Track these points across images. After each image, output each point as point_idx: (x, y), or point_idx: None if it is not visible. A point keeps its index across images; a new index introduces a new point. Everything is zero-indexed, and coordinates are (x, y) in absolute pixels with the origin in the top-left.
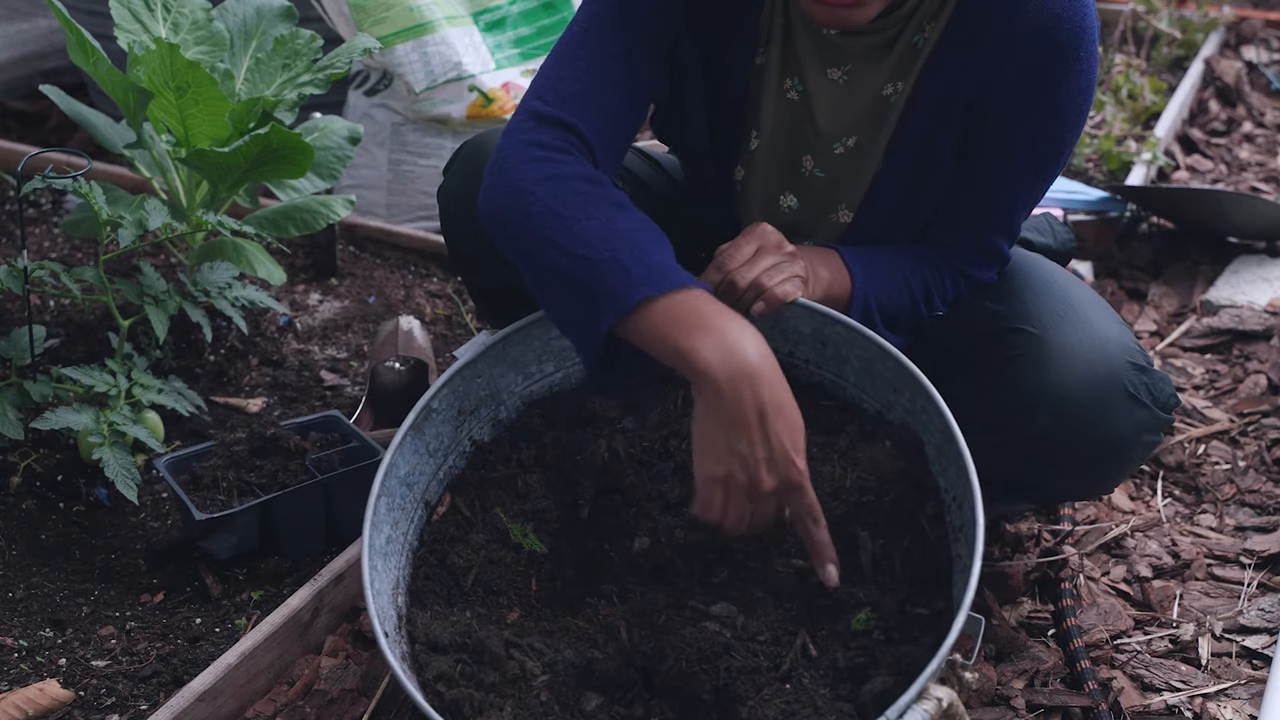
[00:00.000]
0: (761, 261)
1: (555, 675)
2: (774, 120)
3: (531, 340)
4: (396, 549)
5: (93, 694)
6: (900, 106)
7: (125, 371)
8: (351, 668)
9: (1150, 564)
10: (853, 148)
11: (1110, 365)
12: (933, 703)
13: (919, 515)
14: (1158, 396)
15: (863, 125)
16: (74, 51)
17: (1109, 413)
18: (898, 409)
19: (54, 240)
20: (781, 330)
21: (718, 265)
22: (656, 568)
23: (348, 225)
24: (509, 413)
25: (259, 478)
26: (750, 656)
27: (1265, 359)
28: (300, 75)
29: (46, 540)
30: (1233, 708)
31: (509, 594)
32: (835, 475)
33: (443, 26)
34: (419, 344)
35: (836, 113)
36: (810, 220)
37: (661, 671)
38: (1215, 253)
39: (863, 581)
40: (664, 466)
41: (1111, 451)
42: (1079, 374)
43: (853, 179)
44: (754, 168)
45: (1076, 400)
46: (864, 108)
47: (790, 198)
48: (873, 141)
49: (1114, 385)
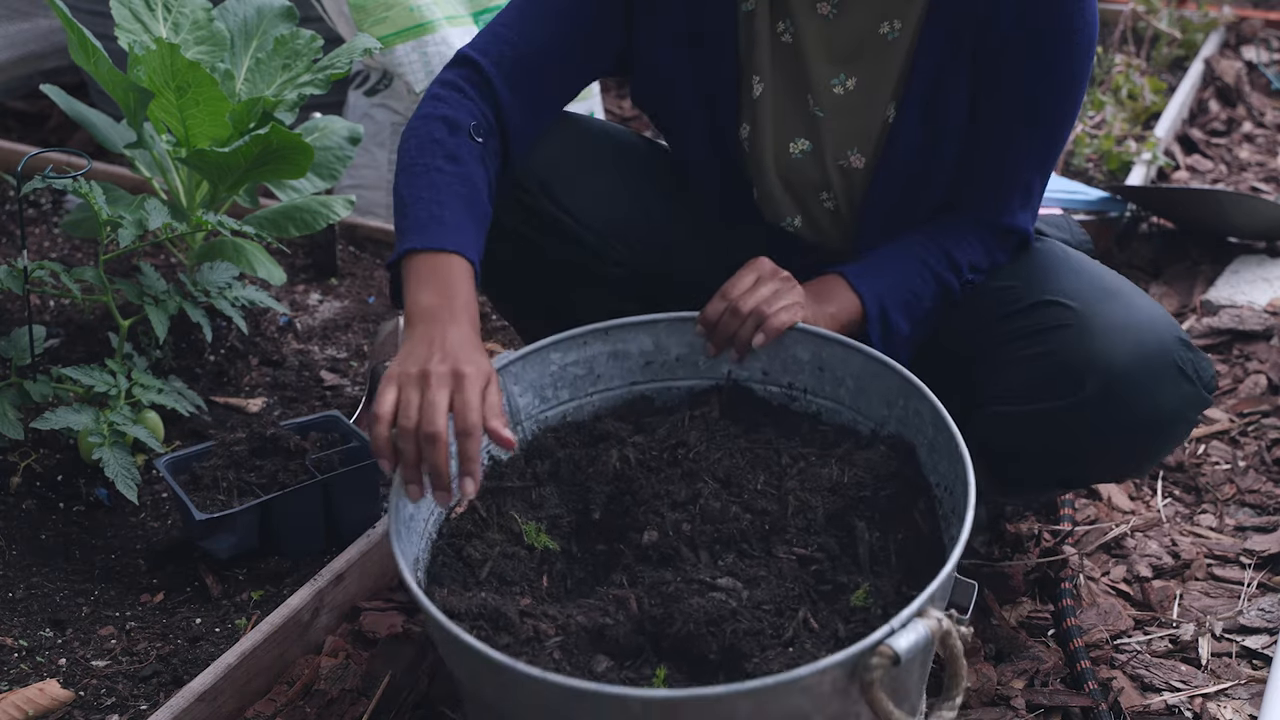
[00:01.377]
0: (761, 289)
1: (568, 637)
2: (771, 65)
3: (548, 364)
4: (417, 532)
5: (93, 694)
6: (904, 48)
7: (125, 371)
8: (351, 668)
9: (1150, 564)
10: (853, 89)
11: (1161, 340)
12: (933, 620)
13: (913, 510)
14: (1203, 375)
15: (860, 64)
16: (75, 51)
17: (1159, 386)
18: (891, 422)
19: (54, 240)
20: (782, 361)
21: (721, 294)
22: (664, 557)
23: (348, 225)
24: (525, 434)
25: (259, 478)
26: (755, 622)
27: (1265, 359)
28: (300, 75)
29: (46, 540)
30: (1233, 708)
31: (522, 585)
32: (833, 474)
33: (443, 26)
34: None
35: (829, 49)
36: (823, 167)
37: (670, 634)
38: (1215, 253)
39: (860, 570)
40: (672, 472)
41: (1157, 427)
42: (1130, 345)
43: (860, 123)
44: (760, 116)
45: (1128, 371)
46: (856, 44)
47: (802, 141)
48: (875, 82)
49: (1165, 359)
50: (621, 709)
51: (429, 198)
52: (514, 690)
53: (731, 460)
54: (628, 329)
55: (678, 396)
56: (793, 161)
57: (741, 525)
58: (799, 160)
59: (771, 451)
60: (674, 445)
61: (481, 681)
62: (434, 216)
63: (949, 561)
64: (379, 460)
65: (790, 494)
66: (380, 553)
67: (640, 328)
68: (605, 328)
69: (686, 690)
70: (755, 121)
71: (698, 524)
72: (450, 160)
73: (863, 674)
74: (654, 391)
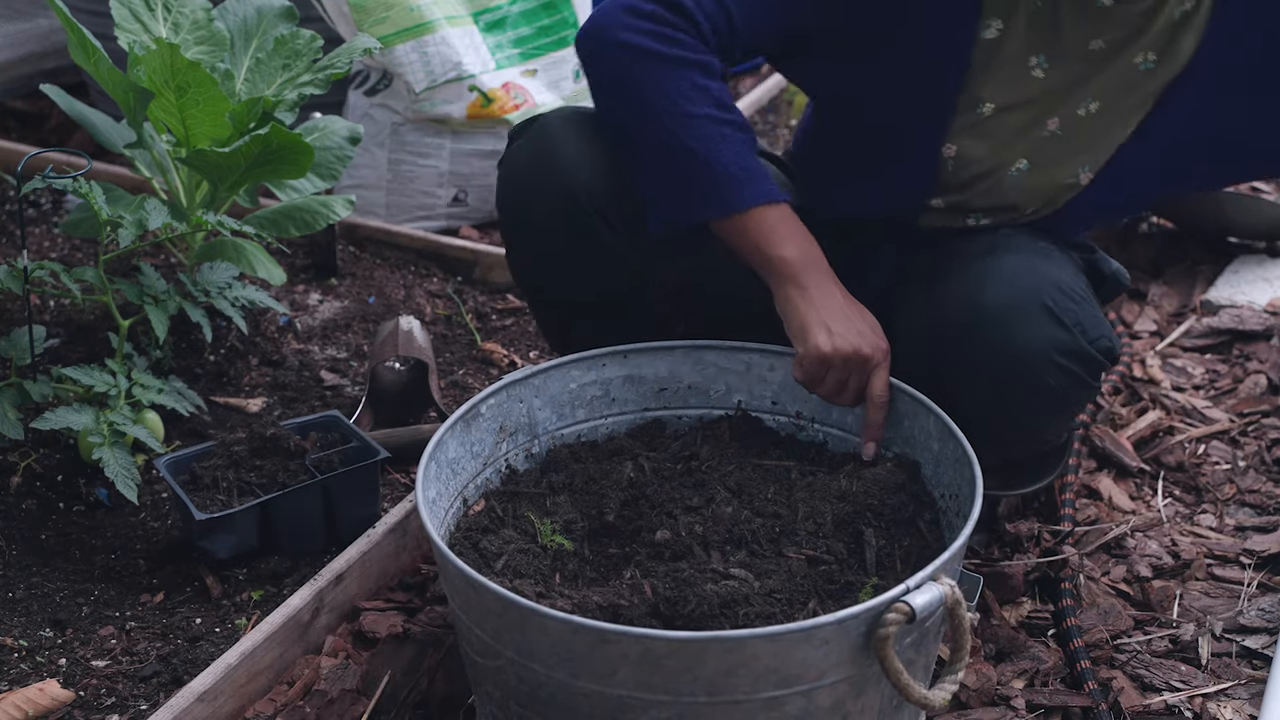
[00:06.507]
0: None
1: (585, 615)
2: (1011, 91)
3: (569, 381)
4: (438, 517)
5: (93, 694)
6: (1159, 82)
7: (125, 371)
8: (351, 668)
9: (1150, 564)
10: (1095, 112)
11: (1036, 281)
12: (946, 586)
13: (918, 521)
14: (1088, 330)
15: (1107, 89)
16: (75, 51)
17: (1020, 321)
18: (897, 442)
19: (54, 240)
20: (791, 390)
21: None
22: (677, 554)
23: (348, 225)
24: (541, 449)
25: (259, 478)
26: (767, 607)
27: (1265, 359)
28: (300, 75)
29: (46, 540)
30: (1233, 708)
31: (535, 578)
32: (842, 485)
33: (443, 26)
34: (419, 344)
35: (1086, 82)
36: (1036, 181)
37: (683, 615)
38: (1215, 253)
39: (867, 573)
40: (685, 480)
41: (1020, 366)
42: (999, 283)
43: (1094, 144)
44: (980, 137)
45: (991, 304)
46: (1109, 72)
47: (1022, 162)
48: (1117, 108)
49: (1032, 298)
50: (646, 651)
51: (731, 151)
52: (537, 640)
53: (742, 473)
54: (645, 353)
55: (689, 423)
56: (1008, 179)
57: (753, 527)
58: (1014, 178)
59: (781, 468)
60: (687, 458)
61: (503, 639)
62: (753, 169)
63: (965, 529)
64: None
65: (800, 502)
66: (380, 553)
67: (657, 353)
68: (624, 350)
69: (710, 633)
70: (978, 137)
71: (709, 526)
72: (723, 109)
73: (879, 629)
74: (667, 418)
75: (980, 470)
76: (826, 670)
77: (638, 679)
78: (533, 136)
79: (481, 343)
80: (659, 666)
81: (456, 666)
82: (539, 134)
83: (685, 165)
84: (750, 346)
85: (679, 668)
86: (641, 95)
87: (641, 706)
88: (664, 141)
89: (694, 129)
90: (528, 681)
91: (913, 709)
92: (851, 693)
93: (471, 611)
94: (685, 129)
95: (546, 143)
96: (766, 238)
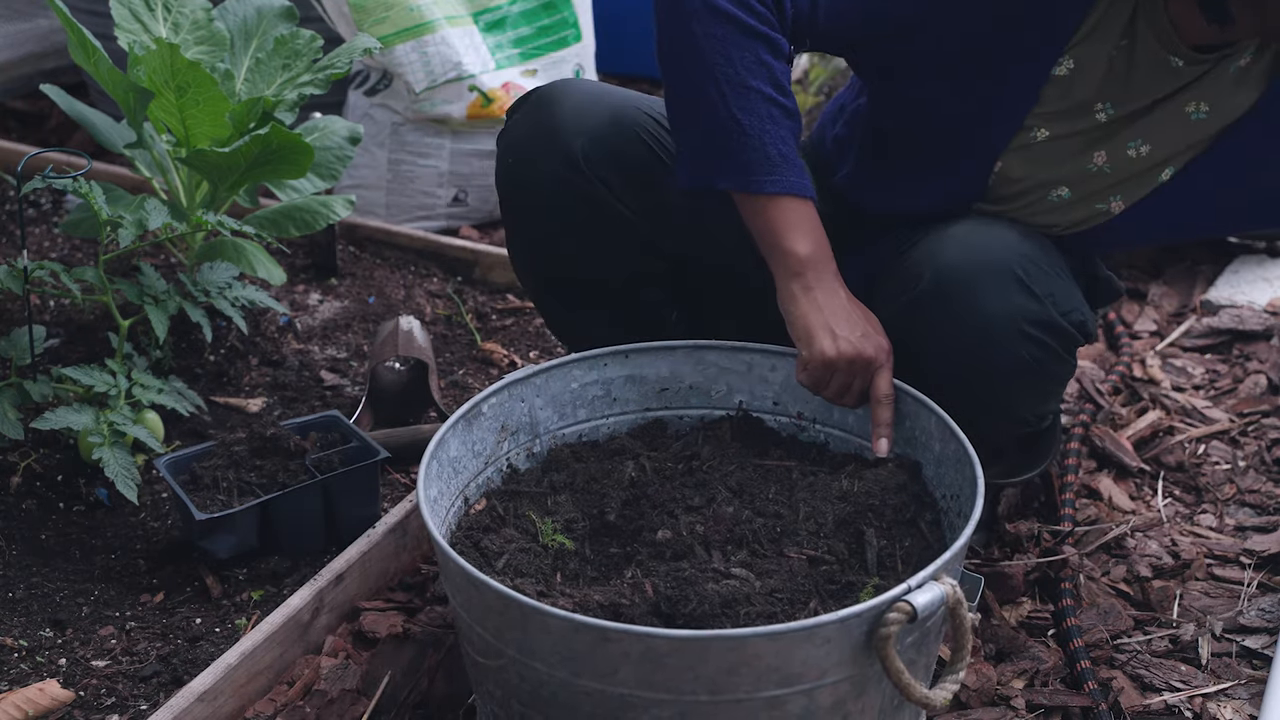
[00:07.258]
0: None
1: (586, 614)
2: (1070, 126)
3: (570, 380)
4: (439, 516)
5: (93, 694)
6: (1209, 131)
7: (125, 371)
8: (351, 668)
9: (1150, 564)
10: (1145, 154)
11: (1006, 249)
12: (948, 586)
13: (919, 522)
14: (1060, 303)
15: (1159, 134)
16: (75, 51)
17: (987, 286)
18: (899, 443)
19: (54, 240)
20: (793, 390)
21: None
22: (678, 554)
23: (348, 225)
24: (543, 448)
25: (259, 478)
26: (769, 606)
27: (1265, 359)
28: (300, 75)
29: (46, 540)
30: (1233, 708)
31: (536, 577)
32: (843, 486)
33: (443, 26)
34: (419, 344)
35: (1136, 122)
36: (1071, 208)
37: (684, 614)
38: (1215, 253)
39: (868, 573)
40: (686, 480)
41: (985, 332)
42: (967, 248)
43: (1137, 181)
44: (1031, 159)
45: (959, 266)
46: (1160, 116)
47: (1064, 190)
48: (1166, 151)
49: (1001, 265)
50: (648, 649)
51: (773, 131)
52: (538, 639)
53: (744, 473)
54: (646, 353)
55: (690, 423)
56: (1047, 202)
57: (754, 527)
58: (1053, 202)
59: (782, 468)
60: (688, 458)
61: (504, 637)
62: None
63: (966, 529)
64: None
65: (801, 502)
66: (380, 552)
67: (658, 353)
68: (625, 350)
69: (712, 631)
70: (1019, 162)
71: (710, 526)
72: (779, 90)
73: (880, 628)
74: (668, 418)
75: (981, 470)
76: (828, 669)
77: (639, 678)
78: (531, 107)
79: (481, 343)
80: (661, 665)
81: (457, 666)
82: (537, 104)
83: (728, 133)
84: (752, 347)
85: (681, 666)
86: (702, 52)
87: (643, 705)
88: (713, 103)
89: (745, 101)
90: (529, 680)
91: (913, 709)
92: (853, 692)
93: (473, 610)
94: (737, 98)
95: (545, 113)
96: (784, 228)
